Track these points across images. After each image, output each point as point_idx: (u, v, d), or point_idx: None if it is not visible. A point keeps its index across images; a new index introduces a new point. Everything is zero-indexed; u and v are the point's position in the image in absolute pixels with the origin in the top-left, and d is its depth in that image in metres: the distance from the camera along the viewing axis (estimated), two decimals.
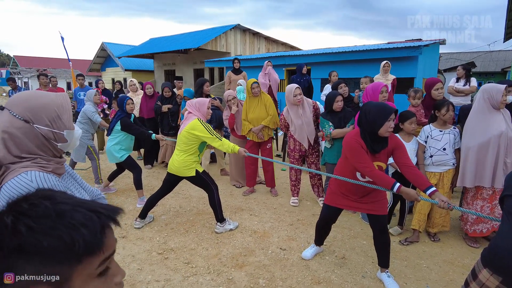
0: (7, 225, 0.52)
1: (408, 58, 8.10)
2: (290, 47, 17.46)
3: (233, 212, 4.09)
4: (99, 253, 0.56)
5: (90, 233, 0.54)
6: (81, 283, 0.55)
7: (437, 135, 3.25)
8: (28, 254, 0.51)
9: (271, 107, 4.40)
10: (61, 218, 0.53)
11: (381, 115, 2.29)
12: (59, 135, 1.23)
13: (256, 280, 2.72)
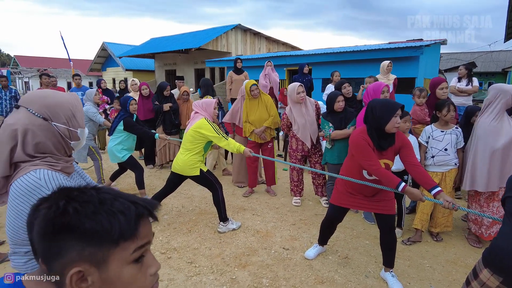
0: (59, 207, 0.60)
1: (409, 58, 8.09)
2: (291, 47, 17.45)
3: (236, 211, 4.10)
4: (133, 239, 0.62)
5: (126, 220, 0.60)
6: (117, 266, 0.61)
7: (439, 136, 3.25)
8: (74, 233, 0.58)
9: (272, 107, 4.41)
10: (102, 205, 0.60)
11: (388, 110, 2.29)
12: (74, 133, 1.27)
13: (260, 280, 2.72)
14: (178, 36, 18.26)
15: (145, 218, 0.64)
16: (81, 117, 1.29)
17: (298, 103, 3.96)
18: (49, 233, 0.59)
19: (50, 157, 1.22)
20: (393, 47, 8.25)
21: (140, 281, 0.64)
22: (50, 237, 0.59)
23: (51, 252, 0.60)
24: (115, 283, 0.61)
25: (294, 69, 10.43)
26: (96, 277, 0.60)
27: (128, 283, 0.62)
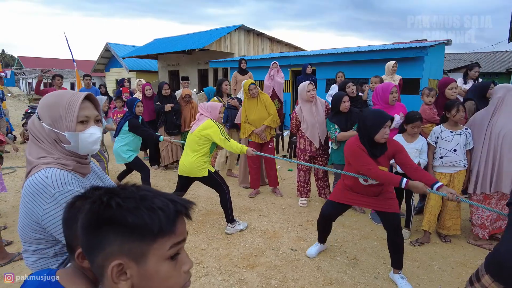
0: (103, 201, 0.62)
1: (414, 59, 8.07)
2: (294, 47, 17.44)
3: (242, 212, 4.09)
4: (171, 235, 0.63)
5: (165, 216, 0.62)
6: (155, 262, 0.63)
7: (448, 136, 3.23)
8: (116, 227, 0.61)
9: (271, 106, 4.41)
10: (143, 201, 0.62)
11: (378, 122, 2.42)
12: (61, 136, 1.22)
13: (268, 281, 2.71)
14: (181, 36, 18.30)
15: (182, 216, 0.66)
16: (71, 120, 1.20)
17: (309, 101, 3.96)
18: (93, 226, 0.62)
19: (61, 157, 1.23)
20: (397, 48, 8.23)
21: (175, 277, 0.66)
22: (94, 230, 0.62)
23: (94, 244, 0.63)
24: (151, 278, 0.63)
25: (298, 69, 10.43)
26: (135, 271, 0.62)
27: (164, 279, 0.64)
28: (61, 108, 1.20)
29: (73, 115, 1.21)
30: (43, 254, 1.19)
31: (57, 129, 1.21)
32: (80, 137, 1.23)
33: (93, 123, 1.28)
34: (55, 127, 1.21)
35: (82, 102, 1.23)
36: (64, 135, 1.21)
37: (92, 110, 1.29)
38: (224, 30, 15.06)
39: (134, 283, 0.62)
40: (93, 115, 1.28)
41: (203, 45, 13.52)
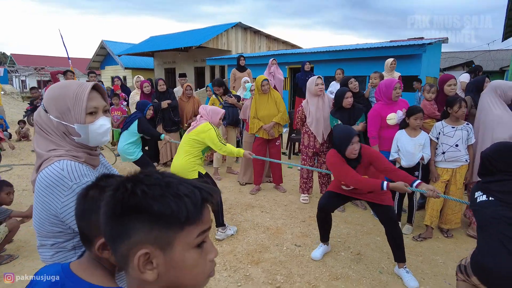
0: (127, 189, 0.60)
1: (412, 56, 8.11)
2: (291, 45, 17.45)
3: (244, 209, 4.08)
4: (198, 223, 0.62)
5: (192, 204, 0.60)
6: (181, 250, 0.61)
7: (449, 132, 3.25)
8: (142, 215, 0.59)
9: (281, 103, 4.40)
10: (169, 188, 0.60)
11: (344, 140, 2.54)
12: (70, 128, 1.19)
13: (274, 277, 2.71)
14: (177, 34, 18.20)
15: (207, 204, 0.64)
16: (80, 112, 1.17)
17: (316, 95, 3.98)
18: (117, 214, 0.60)
19: (71, 149, 1.21)
20: (396, 45, 8.27)
21: (201, 266, 0.64)
22: (118, 218, 0.60)
23: (118, 233, 0.60)
24: (178, 267, 0.62)
25: (296, 67, 10.43)
26: (161, 260, 0.60)
27: (191, 268, 0.63)
28: (69, 100, 1.17)
29: (82, 107, 1.17)
30: (61, 248, 1.17)
31: (65, 122, 1.18)
32: (90, 129, 1.20)
33: (101, 113, 1.24)
34: (63, 119, 1.18)
35: (90, 93, 1.19)
36: (73, 128, 1.18)
37: (100, 100, 1.25)
38: (221, 28, 15.01)
39: (160, 272, 0.61)
40: (101, 106, 1.24)
41: (200, 43, 13.48)
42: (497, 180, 1.87)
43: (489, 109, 3.19)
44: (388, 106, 3.59)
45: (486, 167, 1.95)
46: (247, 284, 2.62)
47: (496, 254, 1.72)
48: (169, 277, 0.62)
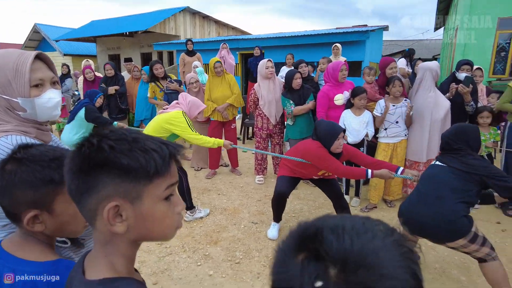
0: (93, 144, 0.60)
1: (356, 42, 8.53)
2: (240, 31, 17.37)
3: (200, 193, 4.09)
4: (166, 176, 0.63)
5: (160, 158, 0.61)
6: (150, 203, 0.63)
7: (390, 110, 3.52)
8: (110, 169, 0.59)
9: (235, 86, 4.42)
10: (136, 143, 0.61)
11: (330, 135, 2.63)
12: (13, 103, 1.09)
13: (233, 253, 2.78)
14: (122, 18, 17.20)
15: (173, 159, 0.66)
16: (23, 84, 1.07)
17: (267, 78, 4.06)
18: (84, 170, 0.60)
19: (21, 124, 1.13)
20: (341, 32, 8.63)
21: (169, 218, 0.66)
22: (85, 174, 0.60)
23: (86, 188, 0.60)
24: (147, 219, 0.63)
25: (247, 53, 10.44)
26: (131, 212, 0.62)
27: (160, 219, 0.65)
28: (9, 72, 1.05)
29: (24, 79, 1.07)
30: None
31: (7, 96, 1.07)
32: (36, 103, 1.10)
33: (49, 86, 1.14)
34: (5, 93, 1.07)
35: (33, 63, 1.08)
36: (17, 102, 1.08)
37: (46, 71, 1.14)
38: (168, 12, 14.46)
39: (129, 224, 0.62)
40: (48, 77, 1.14)
41: (146, 27, 12.89)
42: (451, 153, 2.17)
43: (425, 89, 3.43)
44: (335, 87, 3.78)
45: (444, 148, 2.24)
46: (207, 263, 2.67)
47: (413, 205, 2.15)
48: (138, 229, 0.63)
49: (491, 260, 2.03)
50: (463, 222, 2.01)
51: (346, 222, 0.44)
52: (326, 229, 0.42)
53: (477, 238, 2.02)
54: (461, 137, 2.15)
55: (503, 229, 3.18)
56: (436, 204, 2.05)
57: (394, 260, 0.40)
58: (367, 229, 0.43)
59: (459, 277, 2.49)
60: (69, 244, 1.08)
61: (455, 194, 2.03)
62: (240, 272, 2.55)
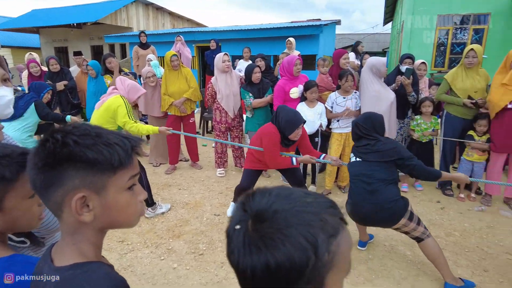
0: (58, 139, 0.63)
1: (310, 36, 8.79)
2: (196, 23, 17.07)
3: (161, 188, 4.06)
4: (129, 168, 0.69)
5: (123, 151, 0.67)
6: (115, 193, 0.68)
7: (341, 102, 3.72)
8: (76, 163, 0.63)
9: (192, 80, 4.39)
10: (99, 138, 0.65)
11: (291, 125, 2.78)
12: None
13: (196, 246, 2.83)
14: (68, 8, 16.13)
15: (135, 151, 0.71)
16: None
17: (224, 72, 4.07)
18: (50, 164, 0.63)
19: None
20: (296, 26, 8.83)
21: (133, 206, 0.72)
22: (52, 167, 0.63)
23: (51, 182, 0.63)
24: (113, 207, 0.68)
25: (203, 45, 10.33)
26: (97, 202, 0.66)
27: (124, 207, 0.70)
28: None
29: None
30: None
31: None
32: None
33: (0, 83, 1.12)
34: None
35: None
36: None
37: None
38: (119, 3, 13.81)
39: (96, 213, 0.66)
40: None
41: (96, 18, 12.24)
42: (362, 145, 2.42)
43: (369, 85, 3.65)
44: (291, 81, 3.91)
45: (356, 132, 2.49)
46: (171, 257, 2.69)
47: (354, 203, 2.40)
48: (105, 217, 0.68)
49: (426, 238, 2.29)
50: (400, 204, 2.26)
51: (279, 190, 0.54)
52: (259, 192, 0.54)
53: (413, 217, 2.28)
54: (368, 121, 2.41)
55: (441, 207, 3.53)
56: (373, 198, 2.27)
57: (301, 227, 0.47)
58: (290, 198, 0.52)
59: (405, 252, 2.74)
60: (28, 244, 1.08)
61: (384, 183, 2.27)
62: (204, 263, 2.60)
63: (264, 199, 0.52)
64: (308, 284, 0.48)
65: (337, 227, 0.51)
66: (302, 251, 0.46)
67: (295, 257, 0.46)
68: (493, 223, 3.19)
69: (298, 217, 0.49)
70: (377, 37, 26.53)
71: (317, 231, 0.48)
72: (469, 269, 2.49)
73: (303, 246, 0.47)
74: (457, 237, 2.95)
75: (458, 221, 3.21)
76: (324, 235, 0.48)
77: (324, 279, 0.49)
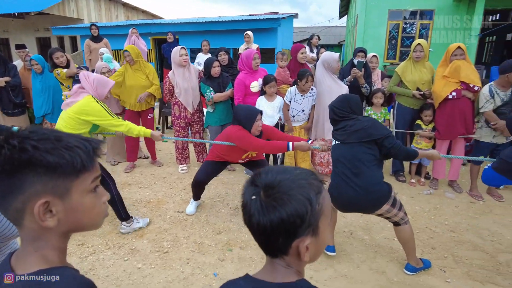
0: (14, 145, 0.60)
1: (269, 30, 8.86)
2: (151, 15, 16.50)
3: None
4: (92, 170, 0.69)
5: (84, 153, 0.67)
6: (78, 196, 0.68)
7: (299, 99, 3.79)
8: (36, 168, 0.62)
9: (155, 77, 4.27)
10: (59, 141, 0.64)
11: (250, 119, 2.79)
12: None
13: (161, 244, 2.80)
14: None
15: (96, 154, 0.71)
16: None
17: (181, 66, 3.99)
18: (7, 171, 0.61)
19: None
20: (255, 19, 8.85)
21: (97, 208, 0.73)
22: (9, 174, 0.61)
23: (10, 189, 0.62)
24: (78, 210, 0.68)
25: (160, 38, 10.04)
26: (60, 207, 0.65)
27: (89, 210, 0.70)
28: None
29: None
30: None
31: None
32: None
33: None
34: None
35: None
36: None
37: None
38: None
39: (60, 218, 0.65)
40: None
41: (41, 8, 11.40)
42: (340, 128, 2.39)
43: (322, 80, 3.78)
44: (250, 75, 3.94)
45: (332, 117, 2.46)
46: (135, 257, 2.64)
47: (337, 186, 2.32)
48: (69, 221, 0.68)
49: (404, 224, 2.33)
50: (384, 188, 2.22)
51: (276, 168, 0.74)
52: (263, 172, 0.73)
53: (396, 202, 2.26)
54: (344, 104, 2.37)
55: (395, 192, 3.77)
56: (355, 181, 2.20)
57: (299, 189, 0.68)
58: (286, 172, 0.72)
59: (363, 236, 2.91)
60: None
61: (367, 164, 2.20)
62: (169, 261, 2.58)
63: (269, 175, 0.71)
64: (309, 227, 0.68)
65: (320, 187, 0.71)
66: (302, 205, 0.67)
67: (298, 209, 0.66)
68: (439, 204, 3.48)
69: (295, 183, 0.69)
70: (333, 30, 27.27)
71: (309, 190, 0.68)
72: (419, 248, 2.71)
73: (303, 201, 0.67)
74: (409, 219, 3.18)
75: (410, 205, 3.46)
76: (314, 192, 0.69)
77: (318, 223, 0.70)
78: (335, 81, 3.76)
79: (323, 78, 3.75)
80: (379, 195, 2.21)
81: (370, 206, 2.25)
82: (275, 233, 0.67)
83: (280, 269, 0.73)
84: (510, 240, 2.81)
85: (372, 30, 9.90)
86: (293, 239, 0.68)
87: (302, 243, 0.69)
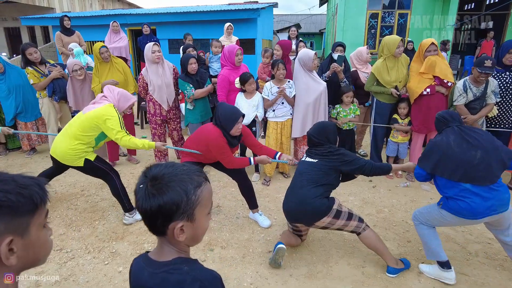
0: None
1: (248, 20, 8.75)
2: (128, 4, 15.97)
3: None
4: (45, 205, 0.73)
5: (40, 189, 0.71)
6: (36, 230, 0.71)
7: (276, 92, 3.77)
8: (1, 209, 0.63)
9: (129, 73, 4.19)
10: (15, 181, 0.68)
11: (231, 119, 2.77)
12: None
13: (141, 246, 2.78)
14: None
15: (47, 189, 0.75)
16: None
17: (154, 63, 3.90)
18: None
19: None
20: (233, 9, 8.70)
21: (49, 242, 0.77)
22: None
23: None
24: (34, 246, 0.71)
25: (137, 29, 9.76)
26: (20, 244, 0.67)
27: (43, 244, 0.74)
28: None
29: None
30: None
31: None
32: None
33: None
34: None
35: None
36: None
37: None
38: None
39: (19, 255, 0.67)
40: None
41: None
42: (317, 148, 2.51)
43: (299, 76, 3.80)
44: (233, 71, 3.90)
45: (311, 140, 2.57)
46: (115, 260, 2.62)
47: (286, 197, 2.51)
48: (27, 257, 0.70)
49: (362, 231, 2.39)
50: (323, 202, 2.32)
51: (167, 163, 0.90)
52: (154, 165, 0.89)
53: (341, 214, 2.34)
54: (321, 133, 2.50)
55: (373, 185, 3.88)
56: (300, 193, 2.36)
57: (179, 182, 0.84)
58: (173, 167, 0.88)
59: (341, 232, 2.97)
60: None
61: (314, 182, 2.35)
62: None
63: (158, 168, 0.87)
64: (183, 214, 0.84)
65: (201, 182, 0.88)
66: (178, 195, 0.83)
67: (175, 198, 0.82)
68: (416, 197, 3.59)
69: (177, 176, 0.85)
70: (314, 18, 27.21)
71: (187, 183, 0.85)
72: (396, 242, 2.81)
73: (179, 192, 0.83)
74: (386, 213, 3.28)
75: (387, 198, 3.56)
76: (192, 186, 0.85)
77: (194, 211, 0.86)
78: (312, 78, 3.77)
79: (300, 75, 3.76)
80: (315, 207, 2.31)
81: (310, 218, 2.37)
82: (154, 216, 0.83)
83: (165, 248, 0.90)
84: (479, 230, 2.94)
85: (352, 20, 9.94)
86: (169, 222, 0.84)
87: (176, 225, 0.84)
